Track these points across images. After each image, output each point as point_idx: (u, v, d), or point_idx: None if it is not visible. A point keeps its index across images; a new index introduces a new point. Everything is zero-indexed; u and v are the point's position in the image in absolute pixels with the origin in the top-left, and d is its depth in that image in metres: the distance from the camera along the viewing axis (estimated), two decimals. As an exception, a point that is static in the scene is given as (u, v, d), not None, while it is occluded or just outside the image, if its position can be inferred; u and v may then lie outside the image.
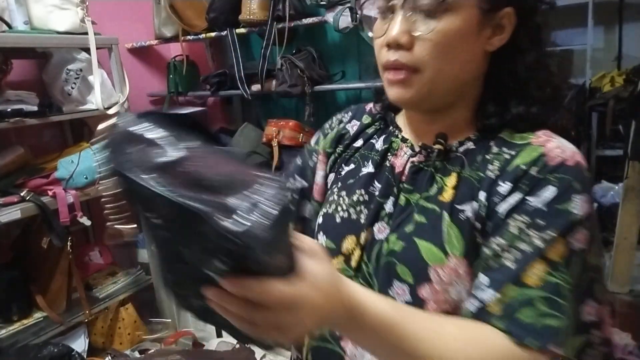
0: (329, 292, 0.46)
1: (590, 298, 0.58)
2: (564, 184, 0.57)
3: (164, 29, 2.26)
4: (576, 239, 0.56)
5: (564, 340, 0.55)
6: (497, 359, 0.54)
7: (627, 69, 3.81)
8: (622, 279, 2.87)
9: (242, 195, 0.42)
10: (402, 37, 0.59)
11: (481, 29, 0.60)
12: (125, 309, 2.10)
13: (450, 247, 0.60)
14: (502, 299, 0.55)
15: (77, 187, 1.78)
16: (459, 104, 0.66)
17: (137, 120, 0.45)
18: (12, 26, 1.71)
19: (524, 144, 0.61)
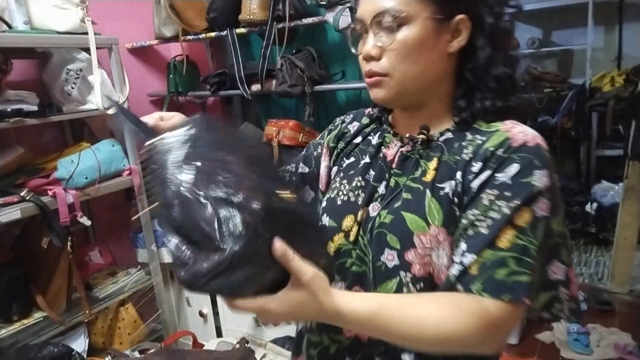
0: (312, 301, 0.60)
1: (555, 259, 0.68)
2: (526, 161, 0.67)
3: (164, 29, 2.26)
4: (539, 207, 0.66)
5: (533, 293, 0.65)
6: (469, 319, 0.63)
7: (627, 69, 3.81)
8: (622, 279, 2.88)
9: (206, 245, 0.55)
10: (373, 51, 0.73)
11: (439, 35, 0.72)
12: (125, 309, 2.11)
13: (431, 218, 0.71)
14: (479, 260, 0.66)
15: (77, 187, 1.78)
16: (433, 100, 0.77)
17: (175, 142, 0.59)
18: (12, 26, 1.71)
19: (493, 131, 0.72)
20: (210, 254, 0.53)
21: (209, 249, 0.54)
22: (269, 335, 2.03)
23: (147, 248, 2.14)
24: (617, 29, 4.22)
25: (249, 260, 0.54)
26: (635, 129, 2.68)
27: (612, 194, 3.53)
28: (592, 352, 2.30)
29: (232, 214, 0.54)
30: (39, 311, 1.80)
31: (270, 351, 1.84)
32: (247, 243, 0.53)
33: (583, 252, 3.51)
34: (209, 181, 0.56)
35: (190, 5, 2.24)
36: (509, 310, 0.64)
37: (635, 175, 2.76)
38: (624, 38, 4.20)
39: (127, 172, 2.00)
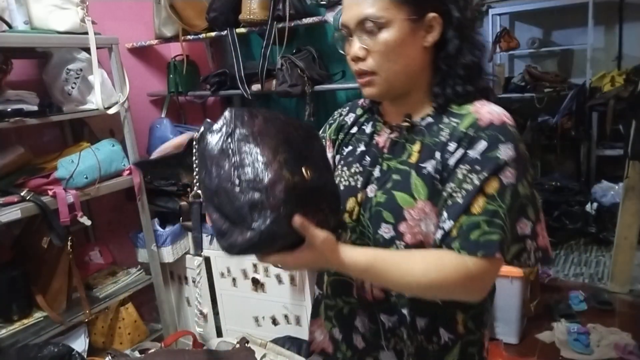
0: (322, 257, 0.75)
1: (522, 217, 0.80)
2: (492, 138, 0.79)
3: (164, 28, 2.26)
4: (505, 176, 0.77)
5: (504, 248, 0.77)
6: (450, 271, 0.76)
7: (627, 69, 3.81)
8: (622, 278, 2.88)
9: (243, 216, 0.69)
10: (359, 52, 0.83)
11: (415, 33, 0.82)
12: (125, 308, 2.11)
13: (417, 194, 0.83)
14: (457, 225, 0.77)
15: (77, 187, 1.78)
16: (414, 90, 0.87)
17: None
18: (12, 26, 1.71)
19: (465, 113, 0.83)
20: (244, 230, 0.69)
21: (243, 227, 0.69)
22: (269, 335, 2.03)
23: (147, 248, 2.14)
24: (617, 29, 4.22)
25: (274, 234, 0.69)
26: (635, 128, 2.68)
27: (612, 194, 3.53)
28: (592, 352, 2.31)
29: (261, 199, 0.68)
30: (39, 311, 1.80)
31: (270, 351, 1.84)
32: (272, 222, 0.68)
33: (583, 252, 3.51)
34: (243, 171, 0.70)
35: (190, 5, 2.24)
36: (485, 265, 0.76)
37: (635, 175, 2.76)
38: (624, 38, 4.20)
39: (127, 172, 2.00)
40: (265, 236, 0.68)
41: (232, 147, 0.72)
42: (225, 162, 0.71)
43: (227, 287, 2.24)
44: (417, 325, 0.89)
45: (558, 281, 3.10)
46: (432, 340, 0.88)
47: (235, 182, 0.69)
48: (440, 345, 0.88)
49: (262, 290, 2.12)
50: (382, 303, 0.91)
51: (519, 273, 2.31)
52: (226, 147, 0.72)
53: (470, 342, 0.90)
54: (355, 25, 0.83)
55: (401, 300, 0.89)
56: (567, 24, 4.41)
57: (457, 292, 0.80)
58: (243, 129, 0.73)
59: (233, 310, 2.26)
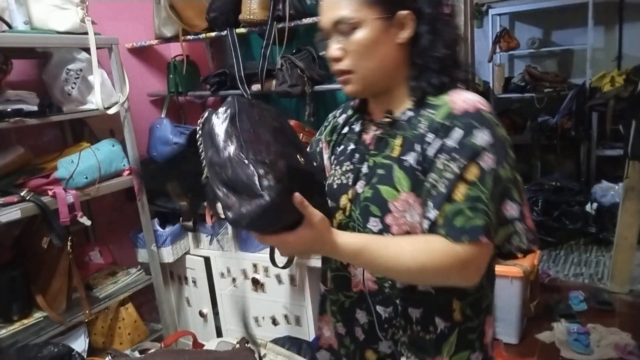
0: (319, 237, 0.79)
1: (508, 199, 0.81)
2: (467, 126, 0.80)
3: (164, 28, 2.25)
4: (484, 162, 0.79)
5: (490, 232, 0.78)
6: (439, 255, 0.78)
7: (627, 69, 3.81)
8: (622, 279, 2.88)
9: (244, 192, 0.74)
10: (336, 53, 0.88)
11: (388, 31, 0.86)
12: (125, 308, 2.11)
13: (399, 186, 0.86)
14: (442, 214, 0.79)
15: (77, 187, 1.78)
16: (394, 86, 0.91)
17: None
18: (12, 26, 1.70)
19: (441, 104, 0.85)
20: (252, 200, 0.73)
21: (251, 197, 0.73)
22: (269, 335, 2.03)
23: (147, 248, 2.14)
24: (617, 29, 4.22)
25: (278, 205, 0.73)
26: (635, 129, 2.68)
27: (612, 194, 3.53)
28: (592, 352, 2.31)
29: (267, 170, 0.74)
30: (39, 311, 1.80)
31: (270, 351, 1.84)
32: (278, 192, 0.73)
33: (583, 252, 3.51)
34: (249, 148, 0.75)
35: (190, 5, 2.24)
36: (472, 250, 0.77)
37: (635, 175, 2.76)
38: (624, 38, 4.20)
39: (127, 172, 2.00)
40: (271, 205, 0.72)
41: (237, 126, 0.78)
42: (231, 140, 0.76)
43: (227, 287, 2.24)
44: (411, 316, 0.90)
45: (558, 281, 3.10)
46: (429, 329, 0.90)
47: (242, 156, 0.75)
48: (436, 334, 0.90)
49: (262, 290, 2.12)
50: (377, 294, 0.93)
51: (519, 273, 2.31)
52: (231, 127, 0.78)
53: (468, 329, 0.91)
54: (331, 28, 0.87)
55: (394, 291, 0.91)
56: (567, 24, 4.41)
57: (448, 277, 0.81)
58: (245, 112, 0.79)
59: (233, 310, 2.26)
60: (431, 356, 0.91)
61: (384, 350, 0.96)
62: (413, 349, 0.92)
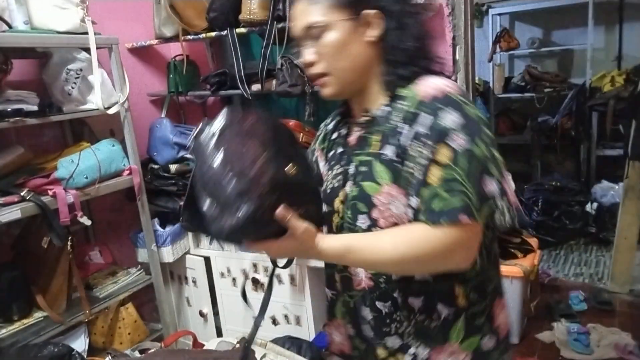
0: (302, 246, 0.84)
1: (486, 176, 0.80)
2: (435, 110, 0.82)
3: (164, 28, 2.25)
4: (455, 142, 0.79)
5: (471, 211, 0.77)
6: (420, 243, 0.80)
7: (627, 69, 3.82)
8: (622, 278, 2.87)
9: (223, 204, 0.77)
10: (309, 57, 0.91)
11: (356, 30, 0.89)
12: (125, 308, 2.11)
13: (381, 180, 0.88)
14: (421, 200, 0.81)
15: (77, 187, 1.78)
16: (369, 84, 0.93)
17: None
18: (12, 26, 1.70)
19: (410, 95, 0.87)
20: (231, 215, 0.76)
21: (230, 212, 0.76)
22: (269, 335, 2.03)
23: (147, 248, 2.14)
24: (617, 29, 4.22)
25: (257, 220, 0.77)
26: (635, 128, 2.68)
27: (612, 194, 3.53)
28: (592, 352, 2.31)
29: (247, 187, 0.76)
30: (39, 311, 1.80)
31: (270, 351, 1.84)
32: (256, 209, 0.76)
33: (583, 252, 3.51)
34: (234, 162, 0.78)
35: (191, 5, 2.24)
36: (454, 232, 0.78)
37: (635, 175, 2.76)
38: (624, 38, 4.20)
39: (127, 171, 2.00)
40: (249, 221, 0.76)
41: (225, 140, 0.80)
42: (218, 154, 0.79)
43: (227, 287, 2.24)
44: (412, 306, 0.91)
45: (558, 281, 3.10)
46: (432, 317, 0.91)
47: (227, 171, 0.77)
48: (441, 321, 0.90)
49: (262, 290, 2.12)
50: (374, 290, 0.95)
51: (519, 273, 2.31)
52: (220, 141, 0.80)
53: (475, 313, 0.91)
54: (302, 34, 0.91)
55: (391, 285, 0.92)
56: (567, 24, 4.41)
57: (436, 262, 0.83)
58: (236, 126, 0.82)
59: (233, 310, 2.26)
60: (440, 344, 0.91)
61: (392, 345, 0.96)
62: (420, 338, 0.92)
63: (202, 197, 0.80)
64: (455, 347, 0.91)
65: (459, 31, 1.90)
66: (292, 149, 0.90)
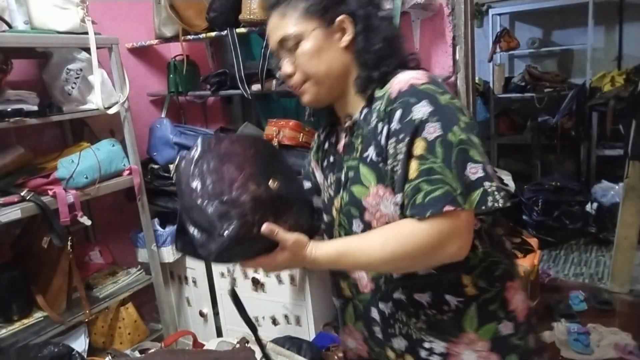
0: (295, 257, 0.85)
1: (469, 162, 0.78)
2: (403, 104, 0.83)
3: (164, 28, 2.25)
4: (429, 133, 0.79)
5: (457, 199, 0.76)
6: (407, 238, 0.79)
7: (627, 69, 3.82)
8: (622, 278, 2.87)
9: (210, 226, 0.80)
10: (287, 69, 0.93)
11: (329, 37, 0.90)
12: (125, 308, 2.11)
13: (367, 182, 0.89)
14: (405, 196, 0.81)
15: (77, 187, 1.78)
16: (347, 89, 0.94)
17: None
18: (12, 26, 1.70)
19: (383, 94, 0.88)
20: (216, 237, 0.78)
21: (214, 235, 0.79)
22: (269, 335, 2.03)
23: (147, 248, 2.14)
24: (617, 29, 4.22)
25: (243, 239, 0.79)
26: (635, 128, 2.68)
27: (612, 194, 3.53)
28: (592, 352, 2.30)
29: (227, 208, 0.78)
30: (39, 311, 1.80)
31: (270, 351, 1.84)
32: (239, 227, 0.78)
33: (583, 252, 3.51)
34: (211, 188, 0.80)
35: (191, 5, 2.24)
36: (441, 223, 0.77)
37: (635, 175, 2.76)
38: (624, 38, 4.20)
39: (127, 171, 2.00)
40: (234, 241, 0.78)
41: (201, 169, 0.82)
42: (196, 183, 0.81)
43: (227, 287, 2.24)
44: (420, 301, 0.90)
45: (558, 281, 3.10)
46: (443, 309, 0.89)
47: (205, 197, 0.80)
48: (452, 312, 0.89)
49: (262, 290, 2.12)
50: (376, 292, 0.95)
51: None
52: (196, 170, 0.82)
53: (487, 300, 0.89)
54: (278, 47, 0.93)
55: (391, 285, 0.92)
56: (567, 24, 4.41)
57: (429, 256, 0.81)
58: (210, 152, 0.84)
59: (233, 310, 2.25)
60: (454, 335, 0.90)
61: (398, 346, 0.96)
62: (434, 332, 0.91)
63: (187, 224, 0.83)
64: (472, 337, 0.89)
65: (459, 31, 1.90)
66: (275, 164, 0.92)
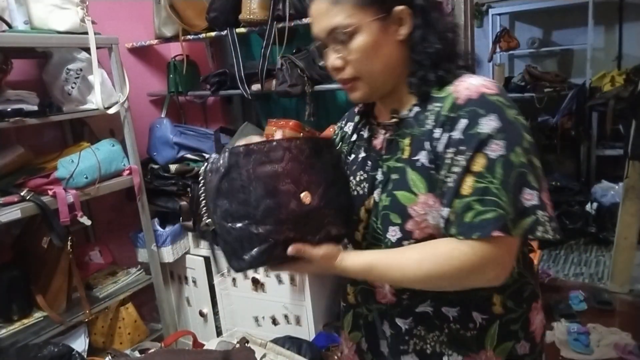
0: (323, 267, 0.82)
1: (525, 187, 0.74)
2: (471, 114, 0.76)
3: (164, 28, 2.25)
4: (491, 150, 0.73)
5: (507, 225, 0.72)
6: (446, 260, 0.75)
7: (627, 69, 3.81)
8: (622, 278, 2.87)
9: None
10: (336, 62, 0.84)
11: (386, 30, 0.81)
12: (125, 308, 2.11)
13: (416, 189, 0.81)
14: (452, 211, 0.76)
15: (77, 187, 1.78)
16: (398, 84, 0.86)
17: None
18: (12, 26, 1.70)
19: (445, 96, 0.81)
20: (239, 258, 0.80)
21: (238, 255, 0.80)
22: (269, 335, 2.03)
23: (147, 248, 2.14)
24: (617, 29, 4.22)
25: (264, 261, 0.80)
26: (635, 128, 2.68)
27: (612, 194, 3.52)
28: (592, 352, 2.30)
29: (250, 233, 0.77)
30: (39, 311, 1.80)
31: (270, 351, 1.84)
32: (261, 253, 0.77)
33: (583, 252, 3.51)
34: (237, 208, 0.78)
35: (190, 5, 2.24)
36: (486, 247, 0.73)
37: (635, 175, 2.76)
38: (624, 38, 4.20)
39: (127, 171, 2.00)
40: (256, 263, 0.79)
41: (226, 186, 0.78)
42: (222, 201, 0.79)
43: (227, 287, 2.24)
44: (447, 314, 0.87)
45: (558, 281, 3.10)
46: (469, 326, 0.87)
47: (229, 219, 0.78)
48: (477, 329, 0.87)
49: (262, 290, 2.12)
50: (396, 306, 0.91)
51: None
52: (223, 187, 0.78)
53: (511, 320, 0.88)
54: (326, 37, 0.83)
55: (417, 299, 0.88)
56: (567, 24, 4.41)
57: (465, 280, 0.77)
58: (238, 168, 0.78)
59: (233, 310, 2.26)
60: (474, 351, 0.88)
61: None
62: (454, 346, 0.88)
63: (216, 238, 0.83)
64: (490, 354, 0.87)
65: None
66: (313, 168, 0.80)
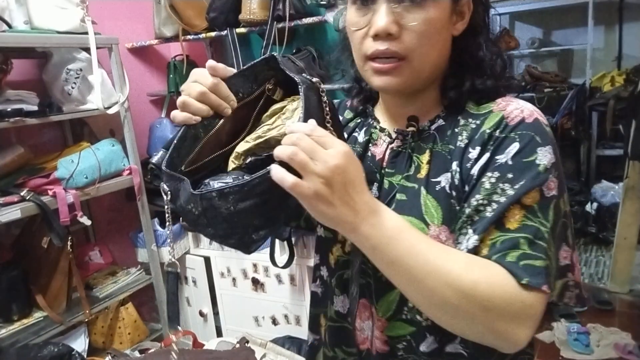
0: (354, 174, 0.56)
1: (564, 243, 0.63)
2: (526, 139, 0.62)
3: (164, 28, 2.26)
4: (547, 187, 0.60)
5: (551, 282, 0.58)
6: (499, 283, 0.57)
7: (627, 69, 3.82)
8: (622, 278, 2.88)
9: None
10: (392, 27, 0.62)
11: (451, 16, 0.66)
12: (125, 308, 2.11)
13: (429, 218, 0.65)
14: (487, 243, 0.59)
15: (77, 187, 1.78)
16: (430, 86, 0.71)
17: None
18: (12, 26, 1.70)
19: (486, 112, 0.67)
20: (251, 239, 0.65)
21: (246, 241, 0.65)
22: (269, 335, 2.03)
23: (147, 248, 2.14)
24: (617, 29, 4.22)
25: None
26: (635, 128, 2.68)
27: (612, 194, 3.52)
28: (592, 352, 2.30)
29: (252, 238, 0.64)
30: (39, 311, 1.80)
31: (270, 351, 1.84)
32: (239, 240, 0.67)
33: (583, 252, 3.50)
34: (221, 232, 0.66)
35: (190, 5, 2.24)
36: (530, 297, 0.56)
37: (635, 175, 2.75)
38: (624, 38, 4.20)
39: (127, 171, 2.00)
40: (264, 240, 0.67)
41: (205, 222, 0.66)
42: (206, 230, 0.68)
43: (227, 287, 2.24)
44: None
45: (558, 281, 3.10)
46: None
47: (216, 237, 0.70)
48: None
49: (262, 290, 2.12)
50: (387, 357, 0.72)
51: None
52: (201, 223, 0.67)
53: None
54: None
55: (410, 356, 0.71)
56: (567, 24, 4.41)
57: (500, 320, 0.57)
58: (215, 210, 0.64)
59: (233, 310, 2.26)
60: None
61: None
62: None
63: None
64: None
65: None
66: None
